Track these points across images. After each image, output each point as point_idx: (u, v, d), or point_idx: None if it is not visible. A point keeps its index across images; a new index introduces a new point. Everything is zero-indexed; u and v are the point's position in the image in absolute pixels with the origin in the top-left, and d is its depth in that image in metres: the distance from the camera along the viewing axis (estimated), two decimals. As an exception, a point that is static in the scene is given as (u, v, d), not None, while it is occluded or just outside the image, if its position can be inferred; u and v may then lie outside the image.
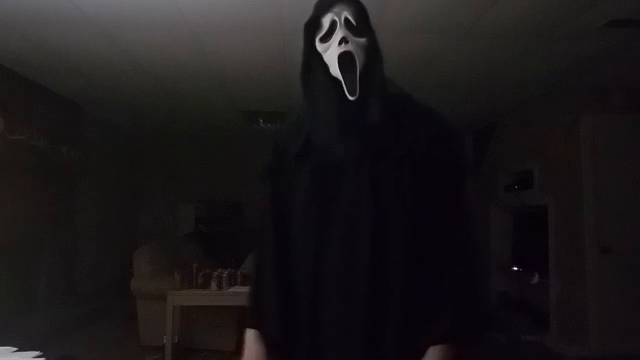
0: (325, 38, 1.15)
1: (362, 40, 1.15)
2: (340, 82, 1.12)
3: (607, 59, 3.39)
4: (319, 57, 1.17)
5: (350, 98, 1.11)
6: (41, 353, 1.47)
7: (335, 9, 1.14)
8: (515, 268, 5.16)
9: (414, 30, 2.92)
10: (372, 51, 1.17)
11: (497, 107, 4.90)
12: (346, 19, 1.14)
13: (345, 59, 1.11)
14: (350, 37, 1.12)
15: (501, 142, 5.32)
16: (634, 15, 2.66)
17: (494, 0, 2.52)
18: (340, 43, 1.11)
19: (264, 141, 1.30)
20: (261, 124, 5.68)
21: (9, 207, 3.75)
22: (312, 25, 1.18)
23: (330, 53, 1.14)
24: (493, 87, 4.12)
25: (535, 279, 4.60)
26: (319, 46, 1.17)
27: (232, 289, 3.64)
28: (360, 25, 1.15)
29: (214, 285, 3.63)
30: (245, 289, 3.55)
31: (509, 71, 3.68)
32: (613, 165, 4.00)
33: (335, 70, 1.13)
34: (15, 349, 1.50)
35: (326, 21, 1.15)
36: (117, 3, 2.58)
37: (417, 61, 3.46)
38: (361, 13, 1.17)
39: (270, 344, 1.19)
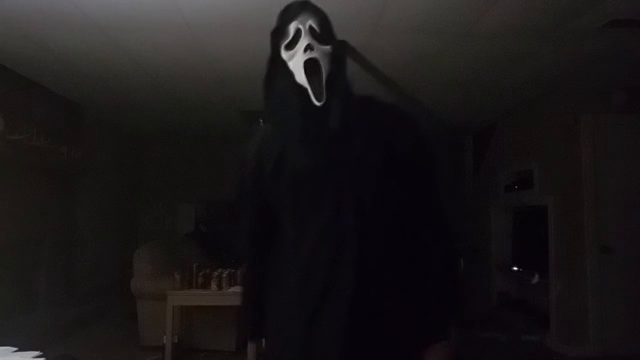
0: (290, 45, 1.17)
1: (327, 47, 1.16)
2: (306, 89, 1.13)
3: (607, 59, 3.39)
4: (284, 64, 1.19)
5: (317, 104, 1.12)
6: (41, 353, 1.47)
7: (300, 18, 1.17)
8: (515, 268, 5.16)
9: (414, 30, 2.92)
10: (337, 58, 1.18)
11: (497, 107, 4.91)
12: (310, 27, 1.16)
13: (310, 66, 1.13)
14: (315, 44, 1.14)
15: (501, 142, 5.33)
16: (634, 15, 2.66)
17: (494, 0, 2.52)
18: (305, 50, 1.13)
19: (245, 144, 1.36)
20: (261, 124, 5.67)
21: (9, 207, 3.75)
22: (277, 34, 1.21)
23: (296, 60, 1.15)
24: (493, 87, 4.12)
25: (535, 279, 4.60)
26: (284, 54, 1.18)
27: (232, 289, 3.64)
28: (325, 33, 1.18)
29: (214, 285, 3.63)
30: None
31: (509, 71, 3.68)
32: (613, 165, 4.00)
33: (300, 77, 1.14)
34: (15, 349, 1.50)
35: (291, 29, 1.17)
36: (117, 3, 2.58)
37: (417, 61, 3.46)
38: (325, 21, 1.20)
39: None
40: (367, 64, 3.42)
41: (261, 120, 5.56)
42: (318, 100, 1.12)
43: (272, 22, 1.24)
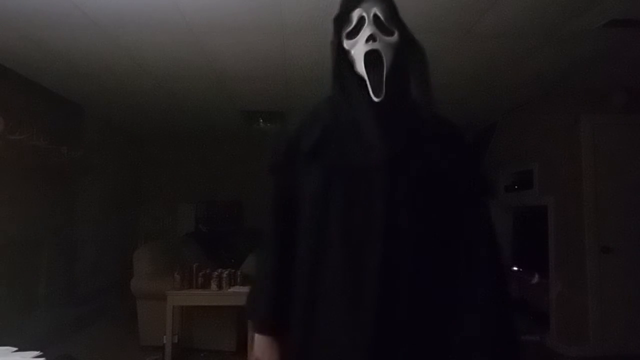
0: (352, 34, 1.10)
1: (391, 38, 1.10)
2: (365, 81, 1.07)
3: (607, 59, 3.39)
4: (345, 53, 1.12)
5: (375, 99, 1.05)
6: (41, 353, 1.47)
7: (365, 5, 1.10)
8: (515, 268, 5.16)
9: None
10: (403, 50, 1.12)
11: (497, 107, 4.91)
12: (375, 16, 1.09)
13: (371, 58, 1.06)
14: (378, 34, 1.07)
15: (501, 142, 5.32)
16: (634, 15, 2.66)
17: (494, 0, 2.52)
18: (367, 40, 1.06)
19: (269, 139, 1.26)
20: (261, 124, 5.68)
21: (9, 207, 3.75)
22: (340, 20, 1.13)
23: (357, 50, 1.08)
24: (493, 87, 4.12)
25: (535, 279, 4.60)
26: (346, 42, 1.12)
27: (232, 289, 3.64)
28: (390, 23, 1.11)
29: (214, 285, 3.63)
30: (245, 289, 3.55)
31: (509, 71, 3.68)
32: (613, 165, 4.00)
33: (360, 69, 1.07)
34: (15, 349, 1.50)
35: (354, 17, 1.10)
36: (117, 3, 2.58)
37: (417, 61, 3.46)
38: (392, 10, 1.13)
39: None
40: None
41: (261, 121, 5.57)
42: (376, 95, 1.05)
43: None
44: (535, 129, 4.53)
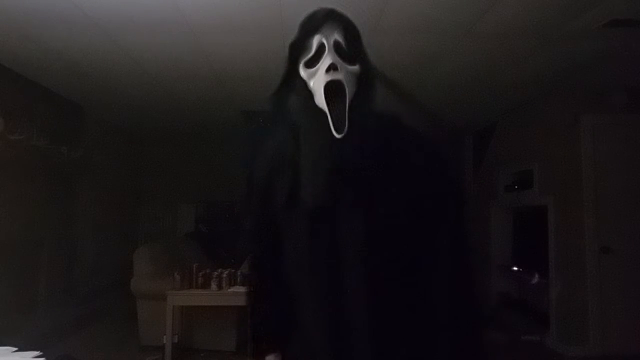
0: (311, 63, 1.01)
1: (354, 67, 1.01)
2: (325, 114, 0.97)
3: (607, 59, 3.39)
4: (302, 84, 1.03)
5: (337, 136, 0.96)
6: (41, 353, 1.47)
7: (325, 30, 1.01)
8: (515, 268, 5.16)
9: (414, 30, 2.92)
10: (365, 79, 1.03)
11: (497, 107, 4.90)
12: (336, 42, 1.00)
13: (333, 89, 0.97)
14: (340, 63, 0.98)
15: (501, 142, 5.33)
16: (634, 15, 2.66)
17: (494, 0, 2.52)
18: (328, 70, 0.97)
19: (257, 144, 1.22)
20: (261, 124, 5.68)
21: (9, 207, 3.75)
22: (297, 47, 1.05)
23: (316, 81, 1.00)
24: (493, 87, 4.12)
25: (535, 279, 4.60)
26: (304, 72, 1.03)
27: (232, 289, 3.64)
28: (353, 50, 1.01)
29: (214, 285, 3.63)
30: (245, 289, 3.55)
31: (509, 71, 3.68)
32: (613, 165, 4.00)
33: (320, 101, 0.98)
34: (15, 349, 1.50)
35: (313, 43, 1.01)
36: (117, 3, 2.58)
37: (417, 61, 3.46)
38: (354, 35, 1.04)
39: None
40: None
41: (261, 121, 5.57)
42: (338, 131, 0.96)
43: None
44: (535, 129, 4.53)
